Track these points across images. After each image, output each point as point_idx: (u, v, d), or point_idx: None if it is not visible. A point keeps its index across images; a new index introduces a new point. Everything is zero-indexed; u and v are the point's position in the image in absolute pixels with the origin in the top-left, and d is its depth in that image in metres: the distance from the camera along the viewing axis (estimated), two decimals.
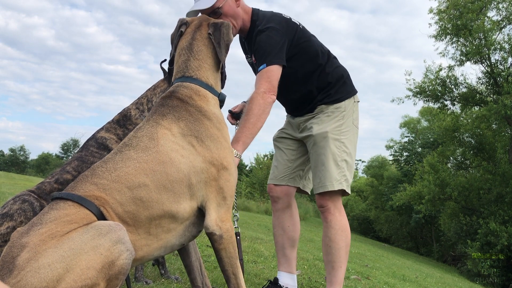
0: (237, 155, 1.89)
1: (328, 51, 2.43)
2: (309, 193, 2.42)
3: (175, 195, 1.52)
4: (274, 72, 2.13)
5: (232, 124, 2.43)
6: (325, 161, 2.27)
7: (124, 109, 2.26)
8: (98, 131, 2.15)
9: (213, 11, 2.15)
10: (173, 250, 1.65)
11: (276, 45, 2.17)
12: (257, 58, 2.21)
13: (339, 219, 2.27)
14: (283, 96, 2.41)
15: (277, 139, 2.60)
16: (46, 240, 1.29)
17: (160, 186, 1.49)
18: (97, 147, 2.09)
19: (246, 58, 2.48)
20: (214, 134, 1.64)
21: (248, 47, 2.40)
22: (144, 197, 1.46)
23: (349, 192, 2.32)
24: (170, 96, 1.70)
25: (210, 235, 1.59)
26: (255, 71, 2.30)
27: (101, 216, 1.41)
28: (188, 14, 2.19)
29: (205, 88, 1.74)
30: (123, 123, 2.17)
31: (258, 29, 2.23)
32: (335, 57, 2.46)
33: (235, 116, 2.44)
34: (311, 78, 2.34)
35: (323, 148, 2.28)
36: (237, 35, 2.41)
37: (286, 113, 2.63)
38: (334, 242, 2.26)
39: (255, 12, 2.32)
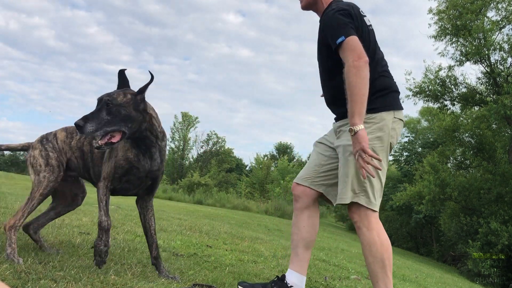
0: (358, 128, 2.01)
1: (382, 56, 2.39)
2: (333, 204, 2.40)
3: None
4: (355, 41, 2.13)
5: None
6: (349, 173, 2.24)
7: None
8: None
9: None
10: None
11: (348, 21, 2.19)
12: (329, 34, 2.22)
13: (367, 235, 2.23)
14: (325, 83, 2.44)
15: (316, 142, 2.60)
16: None
17: None
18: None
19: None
20: None
21: (319, 27, 2.41)
22: None
23: (374, 209, 2.23)
24: None
25: None
26: (320, 56, 2.37)
27: None
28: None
29: None
30: None
31: (331, 7, 2.29)
32: (386, 65, 2.40)
33: None
34: None
35: (348, 160, 2.25)
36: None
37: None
38: (364, 257, 2.27)
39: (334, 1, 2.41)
